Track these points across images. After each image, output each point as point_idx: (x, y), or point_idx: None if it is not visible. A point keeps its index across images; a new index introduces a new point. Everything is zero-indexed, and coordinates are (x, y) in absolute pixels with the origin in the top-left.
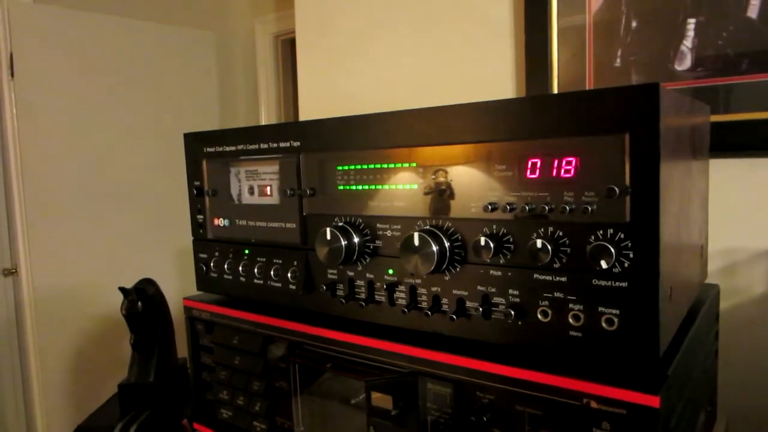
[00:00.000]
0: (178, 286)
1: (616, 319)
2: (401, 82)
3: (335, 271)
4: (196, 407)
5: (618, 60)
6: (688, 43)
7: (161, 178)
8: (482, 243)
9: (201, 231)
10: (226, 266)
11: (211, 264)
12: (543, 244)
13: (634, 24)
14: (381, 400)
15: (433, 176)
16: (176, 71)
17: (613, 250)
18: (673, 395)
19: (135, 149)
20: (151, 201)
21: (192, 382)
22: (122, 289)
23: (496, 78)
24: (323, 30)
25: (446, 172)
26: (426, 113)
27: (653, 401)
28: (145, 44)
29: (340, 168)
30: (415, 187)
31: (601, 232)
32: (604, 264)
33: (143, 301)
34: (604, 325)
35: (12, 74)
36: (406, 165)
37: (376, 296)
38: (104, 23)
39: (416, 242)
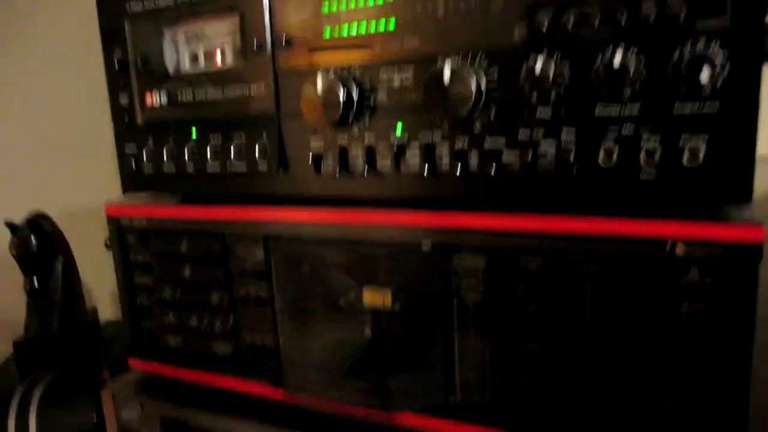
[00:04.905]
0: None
1: (701, 153)
2: None
3: (320, 140)
4: (133, 340)
5: None
6: None
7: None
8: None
9: (126, 118)
10: (165, 156)
11: (143, 157)
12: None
13: None
14: (376, 295)
15: None
16: None
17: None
18: None
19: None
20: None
21: (123, 312)
22: (9, 225)
23: None
24: None
25: None
26: None
27: (757, 234)
28: None
29: (326, 10)
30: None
31: (690, 40)
32: (704, 77)
33: (38, 238)
34: (685, 161)
35: None
36: None
37: (378, 165)
38: None
39: (446, 79)
